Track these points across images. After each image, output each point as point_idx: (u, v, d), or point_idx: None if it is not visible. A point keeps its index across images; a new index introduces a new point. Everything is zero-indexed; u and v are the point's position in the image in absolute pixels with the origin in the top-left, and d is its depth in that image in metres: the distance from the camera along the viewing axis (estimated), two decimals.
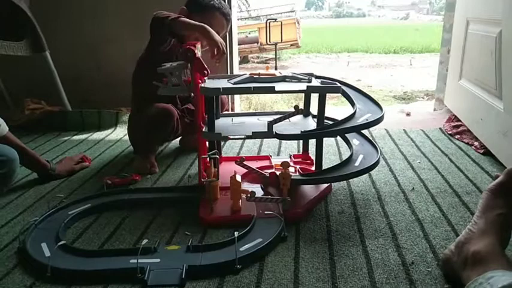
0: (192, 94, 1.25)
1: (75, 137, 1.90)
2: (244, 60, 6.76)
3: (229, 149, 1.67)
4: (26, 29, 1.90)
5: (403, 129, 1.87)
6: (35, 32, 1.92)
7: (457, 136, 1.75)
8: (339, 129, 1.15)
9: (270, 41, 4.05)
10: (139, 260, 0.86)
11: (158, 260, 0.89)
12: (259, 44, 6.36)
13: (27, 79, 2.16)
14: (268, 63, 6.29)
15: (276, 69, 3.79)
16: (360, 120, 1.16)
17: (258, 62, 6.67)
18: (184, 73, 1.24)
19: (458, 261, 0.80)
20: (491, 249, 0.76)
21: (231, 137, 1.21)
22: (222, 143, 1.64)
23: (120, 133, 1.91)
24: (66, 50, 2.17)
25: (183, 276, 0.84)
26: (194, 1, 1.50)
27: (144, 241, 0.93)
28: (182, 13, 1.45)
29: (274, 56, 4.95)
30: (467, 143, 1.66)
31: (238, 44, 2.65)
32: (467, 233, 0.82)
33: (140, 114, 1.46)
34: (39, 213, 1.12)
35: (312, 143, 1.32)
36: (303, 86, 1.19)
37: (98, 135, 1.92)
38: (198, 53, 1.20)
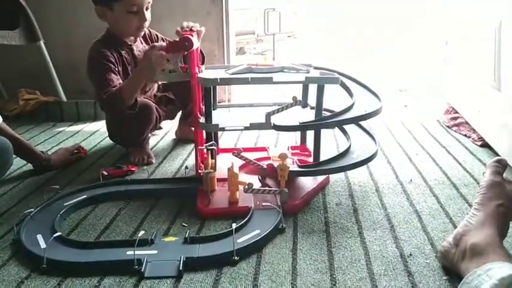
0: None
1: (71, 128, 1.88)
2: (240, 51, 6.71)
3: (226, 140, 1.66)
4: (20, 18, 1.87)
5: (401, 121, 1.87)
6: (29, 21, 1.89)
7: (455, 128, 1.75)
8: (337, 120, 1.15)
9: (268, 31, 4.01)
10: (136, 252, 0.85)
11: (155, 252, 0.89)
12: (255, 34, 6.30)
13: (22, 69, 2.14)
14: (265, 54, 6.25)
15: (273, 59, 3.76)
16: (358, 111, 1.15)
17: (254, 54, 6.63)
18: (180, 60, 1.22)
19: (456, 253, 0.80)
20: (490, 241, 0.76)
21: (228, 128, 1.20)
22: (220, 134, 1.63)
23: None
24: (62, 40, 2.14)
25: (181, 268, 0.83)
26: None
27: (141, 233, 0.92)
28: (99, 14, 1.37)
29: (270, 47, 4.91)
30: (465, 135, 1.66)
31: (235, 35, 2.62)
32: (466, 225, 0.82)
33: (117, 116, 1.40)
34: (35, 204, 1.11)
35: (310, 134, 1.31)
36: (301, 76, 1.17)
37: (93, 125, 1.90)
38: (196, 43, 1.19)
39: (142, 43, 1.48)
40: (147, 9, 1.38)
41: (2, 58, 2.06)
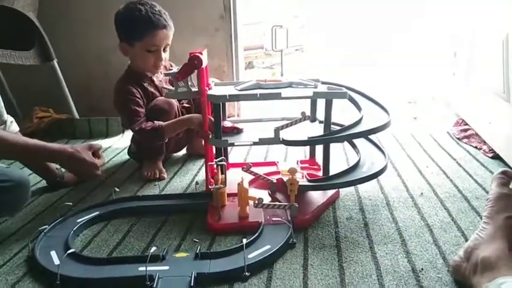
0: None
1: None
2: (249, 65, 6.77)
3: (236, 155, 1.67)
4: (34, 39, 1.92)
5: (410, 134, 1.86)
6: (43, 42, 1.94)
7: (465, 140, 1.74)
8: (346, 134, 1.15)
9: (275, 47, 4.05)
10: (148, 268, 0.86)
11: (167, 268, 0.90)
12: (264, 49, 6.37)
13: (36, 88, 2.19)
14: (273, 68, 6.31)
15: (281, 75, 3.78)
16: (367, 125, 1.16)
17: (263, 68, 6.68)
18: (190, 78, 1.25)
19: (468, 267, 0.80)
20: (501, 254, 0.76)
21: (238, 143, 1.21)
22: (229, 149, 1.64)
23: (127, 140, 1.92)
24: (74, 58, 2.18)
25: (192, 283, 0.84)
26: (123, 30, 1.43)
27: (153, 249, 0.93)
28: (122, 50, 1.46)
29: (279, 61, 4.95)
30: (476, 147, 1.65)
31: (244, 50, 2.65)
32: (476, 239, 0.82)
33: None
34: (49, 221, 1.12)
35: (319, 148, 1.32)
36: (309, 91, 1.19)
37: (105, 142, 1.93)
38: (205, 61, 1.21)
39: (161, 73, 1.54)
40: (164, 49, 1.45)
41: (17, 77, 2.11)
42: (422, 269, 0.88)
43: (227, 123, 1.27)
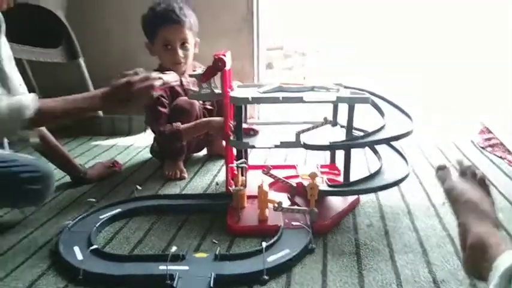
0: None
1: (106, 142, 1.95)
2: (269, 66, 6.77)
3: (255, 156, 1.67)
4: (62, 37, 1.96)
5: (433, 141, 1.83)
6: (70, 40, 1.98)
7: (489, 149, 1.70)
8: (368, 141, 1.14)
9: (297, 49, 4.05)
10: (169, 267, 0.87)
11: (187, 268, 0.91)
12: (283, 50, 6.36)
13: (61, 85, 2.23)
14: (292, 69, 6.30)
15: (304, 78, 3.77)
16: (390, 132, 1.15)
17: (283, 69, 6.67)
18: (213, 80, 1.26)
19: (468, 261, 0.78)
20: (478, 237, 0.73)
21: (259, 146, 1.22)
22: (249, 151, 1.64)
23: (149, 138, 1.94)
24: (100, 56, 2.22)
25: (211, 284, 0.84)
26: (145, 29, 1.49)
27: (174, 248, 0.94)
28: (148, 47, 1.51)
29: (298, 63, 4.94)
30: (500, 157, 1.61)
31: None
32: (460, 238, 0.80)
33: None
34: (72, 216, 1.15)
35: (340, 153, 1.31)
36: (332, 96, 1.18)
37: (127, 140, 1.96)
38: (229, 63, 1.22)
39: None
40: (183, 46, 1.47)
41: (44, 74, 2.16)
42: (443, 280, 0.87)
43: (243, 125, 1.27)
